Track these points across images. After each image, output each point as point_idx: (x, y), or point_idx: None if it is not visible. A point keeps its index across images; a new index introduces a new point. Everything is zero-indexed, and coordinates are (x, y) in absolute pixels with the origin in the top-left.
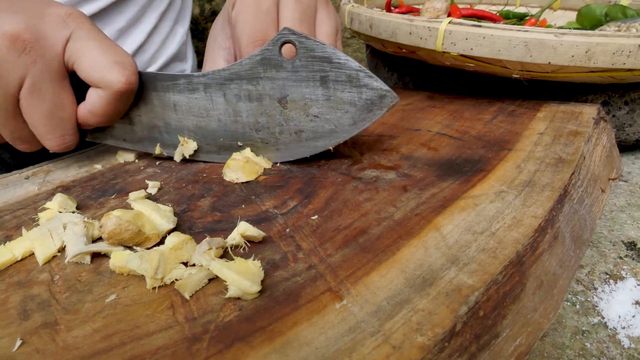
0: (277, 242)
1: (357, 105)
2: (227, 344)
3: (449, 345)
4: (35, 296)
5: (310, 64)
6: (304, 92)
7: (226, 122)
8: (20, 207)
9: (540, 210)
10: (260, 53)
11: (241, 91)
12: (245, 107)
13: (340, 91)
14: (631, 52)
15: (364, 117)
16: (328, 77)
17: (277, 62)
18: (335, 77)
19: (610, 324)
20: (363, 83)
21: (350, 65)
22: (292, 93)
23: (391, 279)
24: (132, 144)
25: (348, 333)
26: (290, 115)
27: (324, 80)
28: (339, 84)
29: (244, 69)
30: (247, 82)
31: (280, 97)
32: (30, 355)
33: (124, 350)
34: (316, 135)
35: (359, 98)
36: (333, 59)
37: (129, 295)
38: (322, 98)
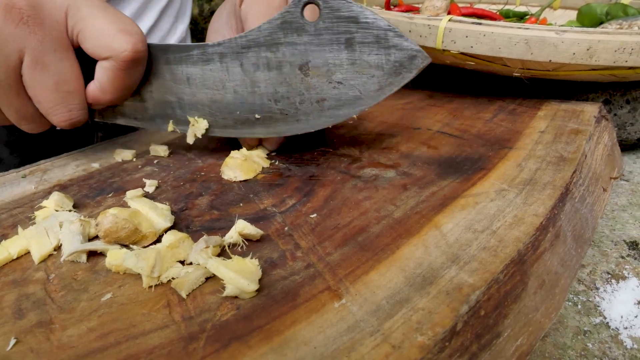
0: (275, 241)
1: (384, 69)
2: (224, 343)
3: (450, 345)
4: (31, 295)
5: (335, 25)
6: (327, 57)
7: (243, 93)
8: (16, 206)
9: (542, 208)
10: (280, 16)
11: (259, 59)
12: (264, 77)
13: (366, 54)
14: (633, 50)
15: (391, 82)
16: (354, 38)
17: (298, 25)
18: (361, 39)
19: (613, 324)
20: (392, 43)
21: (379, 24)
22: (315, 59)
23: (391, 277)
24: (144, 122)
25: (347, 332)
26: (311, 83)
27: (349, 42)
28: (365, 45)
29: (263, 35)
30: (265, 49)
31: (301, 64)
32: (25, 354)
33: (119, 349)
34: (339, 104)
35: (386, 60)
36: (360, 18)
37: (124, 294)
38: (346, 62)
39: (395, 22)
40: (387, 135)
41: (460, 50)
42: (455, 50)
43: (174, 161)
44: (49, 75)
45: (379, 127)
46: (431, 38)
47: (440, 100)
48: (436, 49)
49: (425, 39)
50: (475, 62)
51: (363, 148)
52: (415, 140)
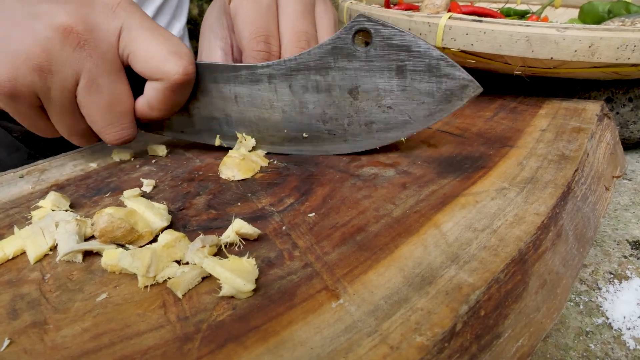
0: (272, 240)
1: (435, 96)
2: (219, 343)
3: (449, 346)
4: (25, 295)
5: (387, 52)
6: (377, 83)
7: (291, 113)
8: (13, 206)
9: (543, 207)
10: (331, 42)
11: (308, 82)
12: (313, 99)
13: (417, 81)
14: (636, 47)
15: (441, 108)
16: (405, 66)
17: (349, 51)
18: (413, 67)
19: (615, 324)
20: (444, 72)
21: (431, 53)
22: (365, 84)
23: (389, 277)
24: (190, 135)
25: (344, 333)
26: (360, 107)
27: (401, 69)
28: (416, 73)
29: (313, 59)
30: (315, 72)
31: (351, 88)
32: (19, 355)
33: (114, 350)
34: (388, 127)
35: (437, 88)
36: (412, 47)
37: (120, 294)
38: (397, 89)
39: (394, 20)
40: None
41: (461, 48)
42: (455, 48)
43: (172, 161)
44: (102, 97)
45: None
46: (431, 36)
47: None
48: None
49: (425, 37)
50: (476, 60)
51: None
52: (415, 139)
